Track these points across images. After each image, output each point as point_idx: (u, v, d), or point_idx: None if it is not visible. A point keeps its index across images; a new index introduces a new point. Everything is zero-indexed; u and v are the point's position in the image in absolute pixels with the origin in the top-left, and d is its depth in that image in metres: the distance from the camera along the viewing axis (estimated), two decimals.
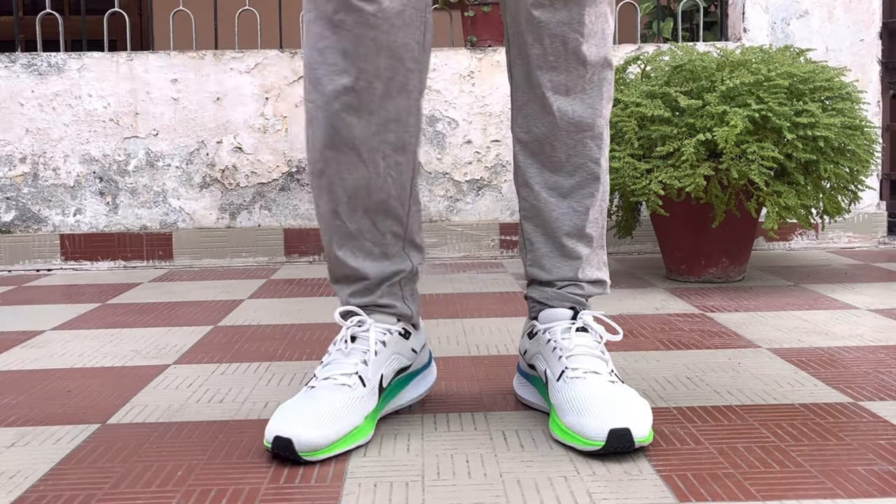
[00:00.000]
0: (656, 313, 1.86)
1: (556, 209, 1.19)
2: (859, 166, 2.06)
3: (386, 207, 1.14)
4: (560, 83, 1.14)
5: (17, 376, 1.47)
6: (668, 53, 2.23)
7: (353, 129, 1.10)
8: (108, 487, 0.97)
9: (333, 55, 1.08)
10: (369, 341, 1.14)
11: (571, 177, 1.18)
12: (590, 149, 1.18)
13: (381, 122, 1.10)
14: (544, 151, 1.18)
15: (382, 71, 1.08)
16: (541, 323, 1.21)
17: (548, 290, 1.21)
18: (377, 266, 1.16)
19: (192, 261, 2.78)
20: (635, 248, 2.83)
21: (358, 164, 1.11)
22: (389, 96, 1.10)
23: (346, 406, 1.07)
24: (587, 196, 1.19)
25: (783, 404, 1.22)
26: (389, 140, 1.12)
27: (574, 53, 1.13)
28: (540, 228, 1.21)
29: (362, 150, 1.11)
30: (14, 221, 2.77)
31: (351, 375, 1.11)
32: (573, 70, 1.14)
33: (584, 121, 1.16)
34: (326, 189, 1.13)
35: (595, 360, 1.13)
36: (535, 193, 1.20)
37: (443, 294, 2.18)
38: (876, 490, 0.92)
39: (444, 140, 2.79)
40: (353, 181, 1.12)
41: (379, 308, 1.18)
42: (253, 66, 2.76)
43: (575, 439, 1.04)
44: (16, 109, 2.75)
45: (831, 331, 1.67)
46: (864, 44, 2.85)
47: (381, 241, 1.16)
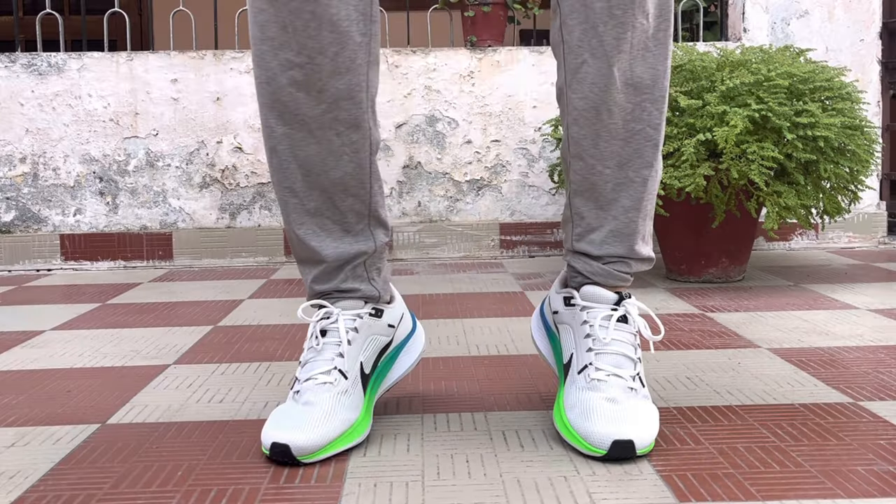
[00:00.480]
0: (656, 313, 1.86)
1: (612, 180, 1.12)
2: (859, 166, 2.06)
3: (344, 185, 1.10)
4: (624, 40, 1.06)
5: (17, 376, 1.47)
6: None
7: (302, 106, 1.06)
8: (108, 487, 0.97)
9: (273, 29, 1.03)
10: (339, 332, 1.11)
11: (628, 144, 1.11)
12: (649, 113, 1.10)
13: (331, 100, 1.06)
14: (601, 118, 1.09)
15: (326, 46, 1.03)
16: (582, 298, 1.15)
17: (594, 265, 1.15)
18: (338, 246, 1.13)
19: (192, 261, 2.78)
20: None
21: (310, 141, 1.08)
22: (338, 73, 1.04)
23: (334, 404, 1.07)
24: (646, 165, 1.12)
25: (783, 404, 1.22)
26: (342, 118, 1.07)
27: (640, 5, 1.05)
28: (593, 202, 1.13)
29: (313, 126, 1.07)
30: (14, 221, 2.77)
31: (330, 372, 1.09)
32: (638, 25, 1.06)
33: (643, 82, 1.09)
34: (280, 167, 1.10)
35: (623, 360, 1.10)
36: (590, 166, 1.12)
37: (443, 294, 2.18)
38: (876, 490, 0.92)
39: (444, 140, 2.79)
40: (306, 157, 1.09)
41: (342, 294, 1.15)
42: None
43: (578, 441, 1.04)
44: (16, 109, 2.75)
45: (831, 331, 1.67)
46: (864, 44, 2.85)
47: (343, 219, 1.12)
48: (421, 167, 2.80)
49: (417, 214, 2.81)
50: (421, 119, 2.78)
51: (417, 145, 2.79)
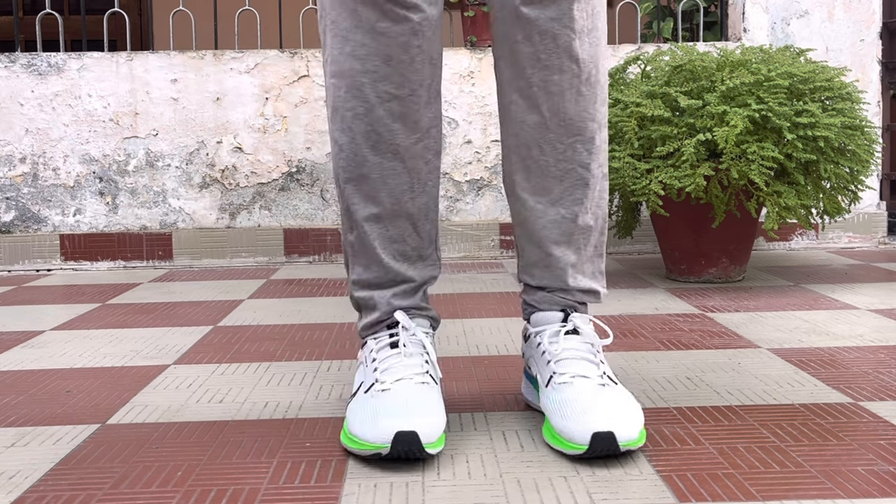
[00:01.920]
0: (656, 313, 1.86)
1: (543, 216, 1.16)
2: (859, 166, 2.06)
3: (427, 211, 1.17)
4: (553, 83, 1.11)
5: (17, 376, 1.47)
6: (668, 53, 2.23)
7: (397, 136, 1.11)
8: (108, 487, 0.97)
9: (375, 62, 1.08)
10: (425, 344, 1.14)
11: (560, 182, 1.15)
12: (579, 153, 1.14)
13: (424, 129, 1.12)
14: (531, 155, 1.14)
15: (425, 78, 1.10)
16: (532, 327, 1.20)
17: (538, 294, 1.20)
18: (414, 272, 1.18)
19: (192, 261, 2.78)
20: (635, 248, 2.83)
21: (401, 171, 1.13)
22: (430, 103, 1.12)
23: (437, 400, 1.07)
24: (576, 202, 1.15)
25: (783, 404, 1.22)
26: (430, 146, 1.14)
27: (566, 51, 1.10)
28: (527, 235, 1.18)
29: (406, 156, 1.12)
30: (14, 221, 2.77)
31: (424, 374, 1.10)
32: (566, 69, 1.11)
33: (574, 123, 1.13)
34: (367, 195, 1.14)
35: (583, 364, 1.11)
36: (522, 200, 1.17)
37: (443, 294, 2.18)
38: (876, 490, 0.92)
39: (444, 140, 2.79)
40: (396, 186, 1.13)
41: (419, 311, 1.19)
42: (253, 66, 2.76)
43: (561, 443, 1.03)
44: (16, 109, 2.75)
45: (831, 331, 1.67)
46: (864, 44, 2.85)
47: (420, 244, 1.17)
48: None
49: None
50: None
51: None
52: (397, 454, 0.99)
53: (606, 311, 1.90)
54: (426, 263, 1.19)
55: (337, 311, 1.98)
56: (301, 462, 1.03)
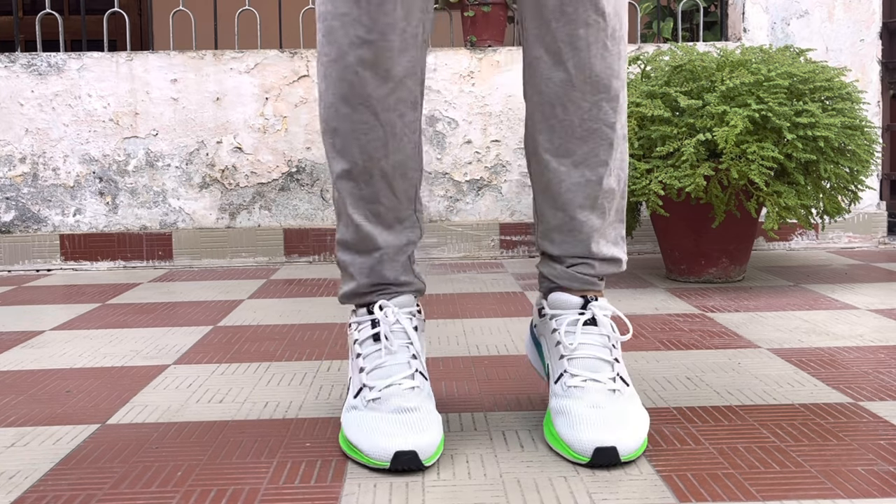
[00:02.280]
0: (656, 313, 1.86)
1: (567, 179, 1.11)
2: (859, 166, 2.06)
3: (403, 169, 1.10)
4: (579, 37, 1.06)
5: (17, 376, 1.47)
6: (668, 53, 2.23)
7: (368, 86, 1.05)
8: (108, 487, 0.97)
9: (347, 4, 1.03)
10: (408, 332, 1.10)
11: (584, 143, 1.10)
12: (605, 112, 1.09)
13: (398, 78, 1.06)
14: (556, 114, 1.09)
15: (398, 21, 1.04)
16: (549, 307, 1.15)
17: (557, 268, 1.15)
18: (391, 235, 1.12)
19: (192, 261, 2.78)
20: (635, 248, 2.83)
21: (374, 125, 1.07)
22: (405, 49, 1.05)
23: (428, 406, 1.06)
24: (601, 164, 1.11)
25: (783, 404, 1.22)
26: (404, 97, 1.08)
27: (592, 3, 1.06)
28: (549, 200, 1.13)
29: (378, 108, 1.06)
30: (14, 221, 2.77)
31: (413, 376, 1.08)
32: (592, 23, 1.06)
33: (601, 80, 1.08)
34: (340, 149, 1.09)
35: (597, 363, 1.09)
36: (545, 162, 1.11)
37: (443, 294, 2.18)
38: (876, 490, 0.92)
39: (444, 140, 2.79)
40: (368, 141, 1.08)
41: (402, 287, 1.14)
42: (253, 66, 2.76)
43: (563, 448, 1.03)
44: (15, 109, 2.75)
45: (831, 331, 1.67)
46: (864, 44, 2.85)
47: (396, 205, 1.12)
48: None
49: None
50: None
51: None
52: (396, 469, 0.99)
53: None
54: (404, 226, 1.13)
55: (337, 311, 1.98)
56: (301, 462, 1.03)
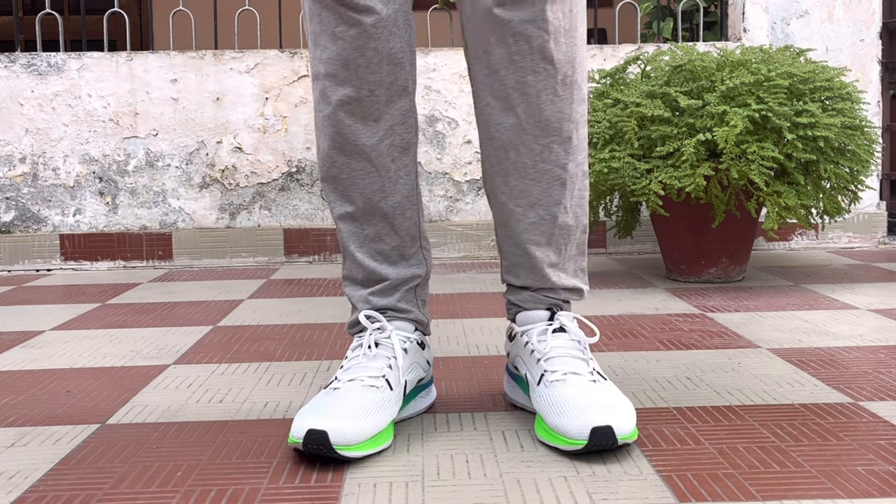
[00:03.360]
0: (656, 313, 1.86)
1: (524, 219, 1.16)
2: (859, 166, 2.06)
3: (401, 209, 1.17)
4: (527, 84, 1.11)
5: (17, 376, 1.47)
6: (668, 53, 2.23)
7: (360, 137, 1.12)
8: (108, 487, 0.97)
9: (335, 66, 1.10)
10: (394, 347, 1.14)
11: (537, 183, 1.15)
12: (556, 153, 1.14)
13: (387, 127, 1.13)
14: (508, 157, 1.14)
15: (384, 78, 1.11)
16: (518, 326, 1.20)
17: (523, 293, 1.20)
18: (396, 269, 1.18)
19: (192, 261, 2.78)
20: (635, 248, 2.83)
21: (370, 170, 1.14)
22: (392, 101, 1.12)
23: (375, 405, 1.07)
24: (554, 203, 1.16)
25: (783, 404, 1.22)
26: (396, 143, 1.15)
27: (540, 52, 1.09)
28: (509, 238, 1.18)
29: (372, 155, 1.13)
30: (14, 221, 2.77)
31: (378, 378, 1.10)
32: (541, 70, 1.10)
33: (551, 124, 1.12)
34: (341, 194, 1.16)
35: (574, 361, 1.12)
36: (501, 203, 1.17)
37: (443, 294, 2.18)
38: (876, 490, 0.92)
39: (443, 140, 2.79)
40: (366, 186, 1.15)
41: (398, 313, 1.19)
42: (253, 66, 2.76)
43: (559, 440, 1.04)
44: (15, 109, 2.75)
45: (831, 331, 1.67)
46: (864, 44, 2.85)
47: (399, 243, 1.18)
48: (421, 167, 2.80)
49: None
50: (421, 119, 2.78)
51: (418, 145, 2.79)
52: (309, 451, 1.00)
53: (606, 311, 1.90)
54: (410, 263, 1.20)
55: (337, 311, 1.98)
56: (301, 462, 1.03)
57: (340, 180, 1.15)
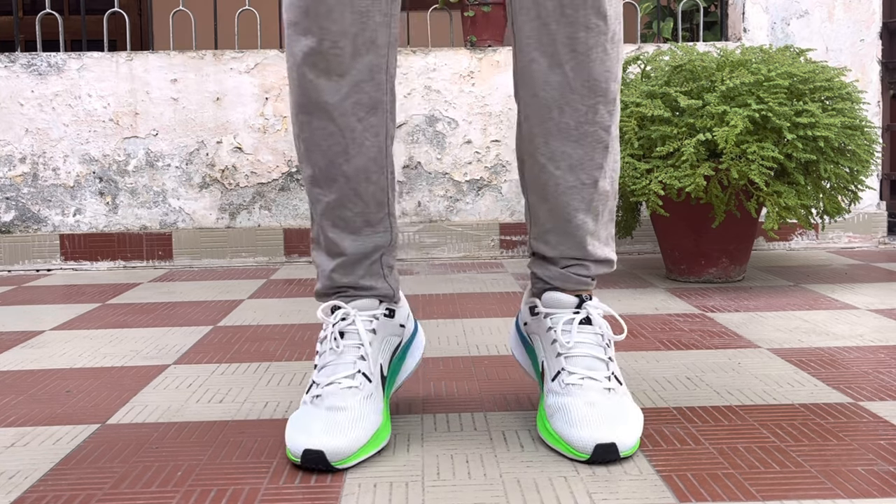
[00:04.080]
0: (656, 313, 1.86)
1: (563, 182, 1.10)
2: (859, 166, 2.06)
3: (366, 173, 1.09)
4: (579, 41, 1.04)
5: (17, 376, 1.47)
6: (668, 53, 2.23)
7: (323, 93, 1.05)
8: (108, 487, 0.97)
9: (297, 13, 1.04)
10: (360, 334, 1.10)
11: (580, 146, 1.09)
12: (601, 115, 1.09)
13: (352, 83, 1.05)
14: (552, 117, 1.08)
15: (348, 28, 1.03)
16: (544, 305, 1.15)
17: (552, 269, 1.15)
18: (356, 239, 1.12)
19: (192, 261, 2.78)
20: (635, 248, 2.83)
21: (332, 130, 1.07)
22: (359, 54, 1.04)
23: (362, 408, 1.05)
24: (596, 167, 1.10)
25: (783, 404, 1.22)
26: (363, 101, 1.06)
27: (594, 6, 1.04)
28: (545, 203, 1.12)
29: (335, 114, 1.06)
30: (14, 221, 2.77)
31: (354, 376, 1.08)
32: (593, 26, 1.04)
33: (599, 84, 1.07)
34: (305, 155, 1.10)
35: (593, 362, 1.10)
36: (541, 166, 1.10)
37: (443, 294, 2.18)
38: (876, 490, 0.92)
39: (444, 140, 2.79)
40: (329, 147, 1.08)
41: (360, 291, 1.14)
42: (253, 66, 2.76)
43: (561, 445, 1.03)
44: (16, 109, 2.75)
45: (831, 331, 1.67)
46: (864, 44, 2.85)
47: (365, 209, 1.11)
48: (421, 167, 2.80)
49: (417, 214, 2.81)
50: (421, 119, 2.79)
51: (417, 145, 2.79)
52: (307, 466, 1.00)
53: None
54: (375, 230, 1.13)
55: None
56: None
57: (303, 140, 1.09)
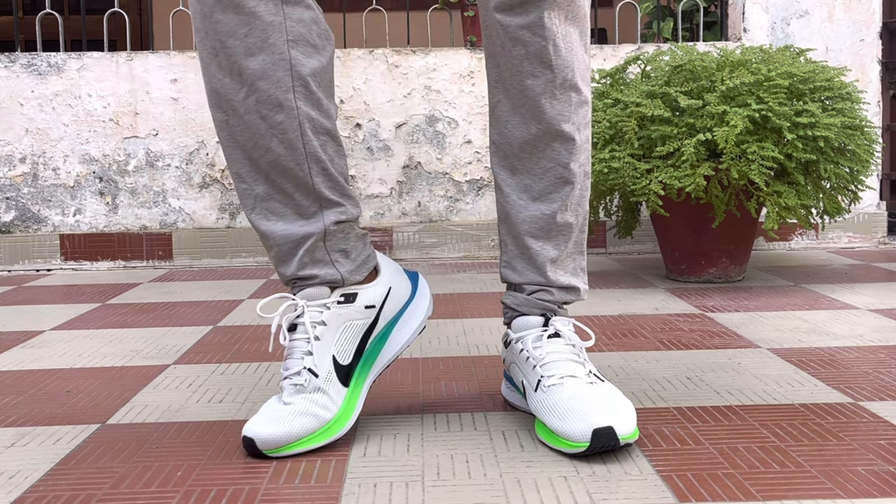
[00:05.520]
0: (656, 313, 1.86)
1: (524, 211, 1.18)
2: (859, 166, 2.06)
3: (281, 168, 1.10)
4: (528, 87, 1.14)
5: (17, 376, 1.47)
6: (668, 53, 2.23)
7: (228, 91, 1.08)
8: (108, 487, 0.97)
9: (197, 21, 1.09)
10: (306, 327, 1.10)
11: (541, 180, 1.17)
12: (558, 153, 1.16)
13: (249, 81, 1.07)
14: (514, 153, 1.17)
15: (235, 29, 1.06)
16: (513, 332, 1.20)
17: (519, 297, 1.20)
18: (286, 228, 1.12)
19: (192, 261, 2.78)
20: (635, 248, 2.83)
21: (241, 125, 1.09)
22: (251, 54, 1.06)
23: (306, 404, 1.07)
24: (556, 200, 1.18)
25: (783, 404, 1.22)
26: (262, 99, 1.07)
27: (538, 57, 1.12)
28: (510, 230, 1.20)
29: (241, 110, 1.08)
30: (14, 221, 2.77)
31: (300, 373, 1.09)
32: (539, 74, 1.13)
33: (552, 126, 1.15)
34: (227, 153, 1.12)
35: (570, 364, 1.12)
36: (506, 195, 1.20)
37: (443, 294, 2.18)
38: (876, 490, 0.92)
39: (444, 140, 2.79)
40: (244, 142, 1.10)
41: (303, 281, 1.13)
42: None
43: (560, 442, 1.04)
44: (16, 109, 2.75)
45: (831, 331, 1.67)
46: (864, 44, 2.85)
47: (291, 201, 1.12)
48: (421, 167, 2.80)
49: (417, 214, 2.82)
50: (421, 119, 2.79)
51: (417, 145, 2.79)
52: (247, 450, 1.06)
53: (606, 311, 1.90)
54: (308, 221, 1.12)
55: None
56: (301, 462, 1.04)
57: (222, 139, 1.12)
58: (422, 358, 1.52)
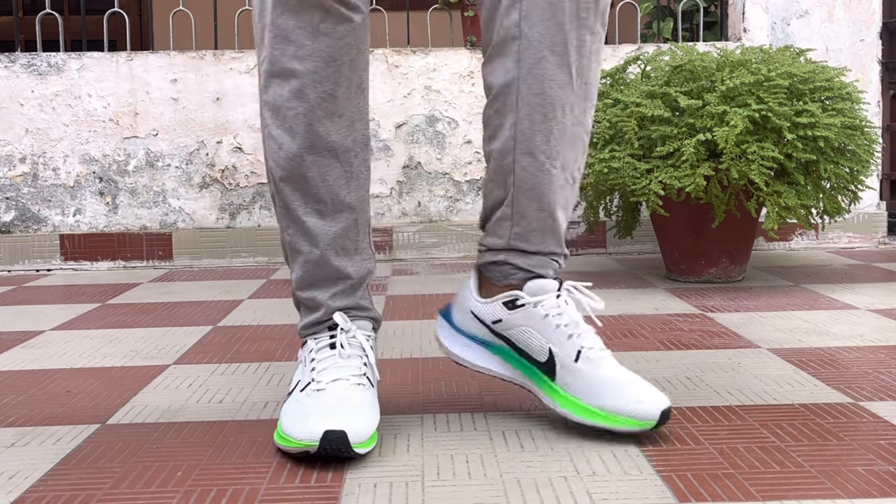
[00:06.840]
0: (656, 313, 1.86)
1: (555, 181, 1.13)
2: (859, 166, 2.06)
3: (363, 203, 1.18)
4: (584, 43, 1.10)
5: (17, 376, 1.47)
6: (668, 53, 2.23)
7: (331, 134, 1.13)
8: (108, 487, 0.97)
9: (317, 63, 1.10)
10: (364, 346, 1.14)
11: (572, 148, 1.14)
12: (588, 119, 1.15)
13: (349, 122, 1.14)
14: (556, 116, 1.11)
15: (361, 75, 1.14)
16: (529, 295, 1.15)
17: (534, 258, 1.16)
18: (356, 265, 1.18)
19: (192, 261, 2.78)
20: (635, 248, 2.83)
21: (335, 165, 1.14)
22: (353, 97, 1.14)
23: (370, 401, 1.08)
24: (578, 169, 1.16)
25: (783, 404, 1.22)
26: (358, 139, 1.15)
27: (602, 14, 1.11)
28: (535, 202, 1.14)
29: (339, 151, 1.14)
30: (14, 221, 2.77)
31: (361, 377, 1.11)
32: (597, 31, 1.11)
33: (591, 88, 1.14)
34: (307, 193, 1.14)
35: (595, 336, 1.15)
36: (540, 164, 1.13)
37: (443, 294, 2.18)
38: (876, 490, 0.92)
39: (444, 140, 2.79)
40: (334, 181, 1.14)
41: (360, 311, 1.19)
42: (253, 66, 2.76)
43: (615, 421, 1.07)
44: (16, 109, 2.75)
45: (831, 331, 1.67)
46: (864, 44, 2.85)
47: (357, 237, 1.18)
48: (421, 167, 2.80)
49: (417, 214, 2.82)
50: (421, 119, 2.79)
51: (417, 145, 2.79)
52: (325, 452, 1.00)
53: (606, 310, 1.90)
54: (363, 256, 1.19)
55: None
56: (301, 462, 1.03)
57: (308, 179, 1.14)
58: (422, 358, 1.52)
